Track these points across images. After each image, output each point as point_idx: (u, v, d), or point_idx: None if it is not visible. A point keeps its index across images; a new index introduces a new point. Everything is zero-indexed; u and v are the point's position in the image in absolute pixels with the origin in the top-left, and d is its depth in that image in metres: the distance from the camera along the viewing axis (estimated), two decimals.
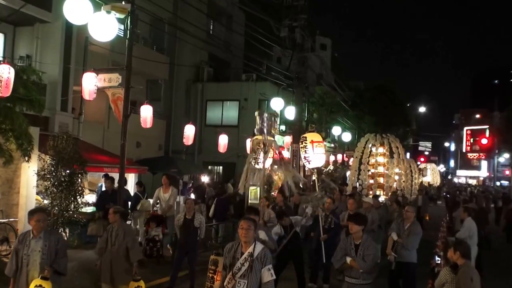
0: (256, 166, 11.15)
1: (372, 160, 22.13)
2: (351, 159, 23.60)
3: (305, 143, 12.82)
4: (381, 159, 22.11)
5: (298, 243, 11.33)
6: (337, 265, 7.77)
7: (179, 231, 11.18)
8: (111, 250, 8.48)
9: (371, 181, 21.92)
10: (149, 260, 12.81)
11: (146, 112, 14.40)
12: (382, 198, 19.27)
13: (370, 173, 21.92)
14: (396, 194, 20.11)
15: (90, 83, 13.08)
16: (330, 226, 12.11)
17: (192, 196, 21.93)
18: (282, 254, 10.62)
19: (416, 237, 9.98)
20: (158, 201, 14.71)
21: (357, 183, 22.03)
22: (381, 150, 22.22)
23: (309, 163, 12.88)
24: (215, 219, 17.34)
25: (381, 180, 21.86)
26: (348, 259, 7.54)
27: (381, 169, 21.98)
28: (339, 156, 36.49)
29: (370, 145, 22.35)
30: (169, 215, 14.32)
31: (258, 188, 21.01)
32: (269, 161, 11.30)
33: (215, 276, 8.19)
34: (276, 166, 12.46)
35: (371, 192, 20.84)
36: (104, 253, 8.57)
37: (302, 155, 13.04)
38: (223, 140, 19.82)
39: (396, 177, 22.98)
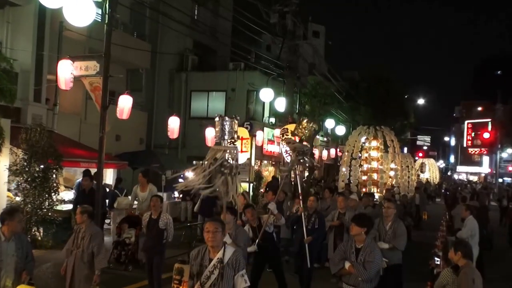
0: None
1: (365, 155, 21.93)
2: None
3: (287, 135, 12.54)
4: (374, 154, 21.85)
5: (274, 245, 10.73)
6: (334, 269, 7.50)
7: (145, 232, 10.66)
8: (75, 254, 8.28)
9: (364, 178, 21.63)
10: (116, 266, 12.51)
11: (125, 103, 14.21)
12: (377, 196, 19.13)
13: (364, 168, 21.71)
14: (392, 192, 19.88)
15: (66, 71, 12.97)
16: (314, 227, 11.47)
17: (176, 194, 21.93)
18: (256, 259, 10.28)
19: (404, 236, 9.66)
20: (136, 200, 14.35)
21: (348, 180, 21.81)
22: (374, 143, 21.97)
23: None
24: (200, 215, 17.25)
25: (374, 176, 21.58)
26: (347, 264, 7.27)
27: (374, 165, 21.73)
28: (332, 151, 36.58)
29: (363, 139, 22.14)
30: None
31: (247, 184, 21.21)
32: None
33: (180, 287, 7.54)
34: (265, 162, 12.23)
35: (364, 190, 20.53)
36: (70, 255, 8.39)
37: (283, 148, 12.72)
38: (210, 133, 19.78)
39: (392, 173, 22.64)
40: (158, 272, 10.20)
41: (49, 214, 12.92)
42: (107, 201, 14.89)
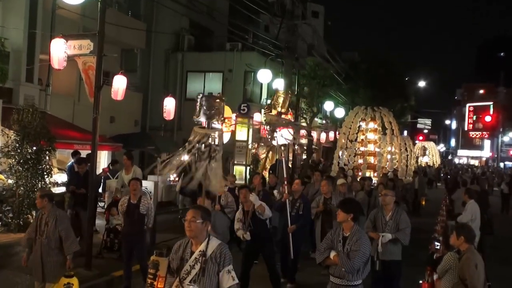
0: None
1: (362, 137, 21.34)
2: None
3: (270, 114, 11.94)
4: (371, 136, 21.28)
5: (267, 233, 9.93)
6: (319, 258, 7.00)
7: (122, 218, 10.25)
8: (41, 241, 7.96)
9: (360, 161, 20.92)
10: (108, 254, 12.13)
11: (119, 83, 14.10)
12: (373, 181, 18.37)
13: (360, 151, 21.10)
14: (387, 177, 18.82)
15: (59, 50, 12.85)
16: (298, 213, 10.92)
17: (173, 177, 21.92)
18: (248, 247, 9.88)
19: (409, 229, 9.00)
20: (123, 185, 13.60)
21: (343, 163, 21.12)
22: (371, 125, 21.35)
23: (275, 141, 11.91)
24: (181, 195, 17.24)
25: (372, 160, 20.90)
26: (332, 254, 6.78)
27: (371, 147, 21.11)
28: (331, 134, 36.57)
29: (359, 120, 21.52)
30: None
31: (244, 168, 21.18)
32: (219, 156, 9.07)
33: (154, 283, 6.57)
34: (262, 144, 12.03)
35: (360, 174, 19.92)
36: (34, 244, 8.05)
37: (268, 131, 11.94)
38: None
39: (389, 157, 21.71)
40: (143, 259, 9.57)
41: None
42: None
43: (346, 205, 6.99)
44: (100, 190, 15.84)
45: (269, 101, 17.73)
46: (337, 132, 36.14)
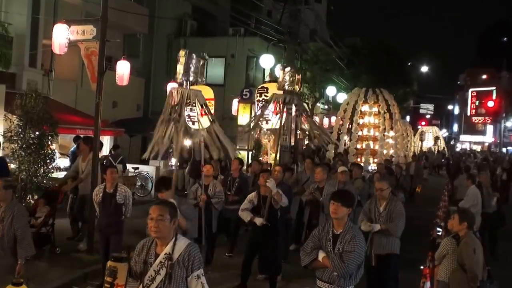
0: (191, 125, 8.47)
1: (361, 121, 20.55)
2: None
3: (266, 95, 10.71)
4: (372, 120, 20.48)
5: (275, 224, 9.25)
6: (304, 261, 5.89)
7: (98, 209, 9.40)
8: None
9: (359, 146, 20.10)
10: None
11: (123, 69, 14.20)
12: (372, 168, 18.14)
13: (357, 135, 20.25)
14: (390, 162, 18.54)
15: (62, 35, 12.85)
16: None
17: (173, 161, 21.92)
18: (253, 237, 9.35)
19: (402, 219, 8.26)
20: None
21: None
22: (373, 108, 20.63)
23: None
24: (191, 178, 17.22)
25: (372, 145, 20.11)
26: (321, 255, 5.77)
27: (372, 132, 20.36)
28: (333, 119, 36.55)
29: (358, 102, 20.76)
30: (85, 193, 11.75)
31: (246, 153, 21.21)
32: (205, 120, 8.66)
33: None
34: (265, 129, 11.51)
35: (359, 160, 19.23)
36: None
37: (258, 109, 10.29)
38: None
39: (391, 141, 21.08)
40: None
41: (44, 181, 12.90)
42: None
43: (345, 198, 5.88)
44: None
45: (264, 85, 17.42)
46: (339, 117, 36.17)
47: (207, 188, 10.39)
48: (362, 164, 16.71)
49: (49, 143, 12.87)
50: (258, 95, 15.52)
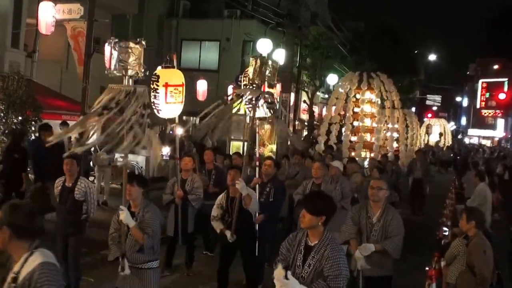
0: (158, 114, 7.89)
1: (356, 110, 19.32)
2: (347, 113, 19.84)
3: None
4: (368, 108, 19.18)
5: (250, 226, 8.70)
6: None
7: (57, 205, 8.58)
8: None
9: (354, 139, 19.02)
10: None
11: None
12: (366, 163, 17.06)
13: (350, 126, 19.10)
14: (387, 158, 17.57)
15: (47, 14, 12.93)
16: (268, 201, 9.44)
17: (167, 150, 21.92)
18: (225, 244, 8.52)
19: (401, 236, 6.88)
20: None
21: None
22: (368, 95, 19.17)
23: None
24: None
25: (367, 137, 18.90)
26: (287, 273, 4.43)
27: (368, 122, 19.05)
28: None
29: (350, 87, 19.62)
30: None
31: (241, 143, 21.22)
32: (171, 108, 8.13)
33: None
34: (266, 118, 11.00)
35: (353, 154, 18.20)
36: None
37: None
38: (201, 86, 19.74)
39: (389, 134, 20.01)
40: (75, 257, 8.30)
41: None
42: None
43: (314, 203, 4.92)
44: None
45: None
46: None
47: (185, 182, 9.89)
48: (356, 159, 16.15)
49: (33, 128, 12.93)
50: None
